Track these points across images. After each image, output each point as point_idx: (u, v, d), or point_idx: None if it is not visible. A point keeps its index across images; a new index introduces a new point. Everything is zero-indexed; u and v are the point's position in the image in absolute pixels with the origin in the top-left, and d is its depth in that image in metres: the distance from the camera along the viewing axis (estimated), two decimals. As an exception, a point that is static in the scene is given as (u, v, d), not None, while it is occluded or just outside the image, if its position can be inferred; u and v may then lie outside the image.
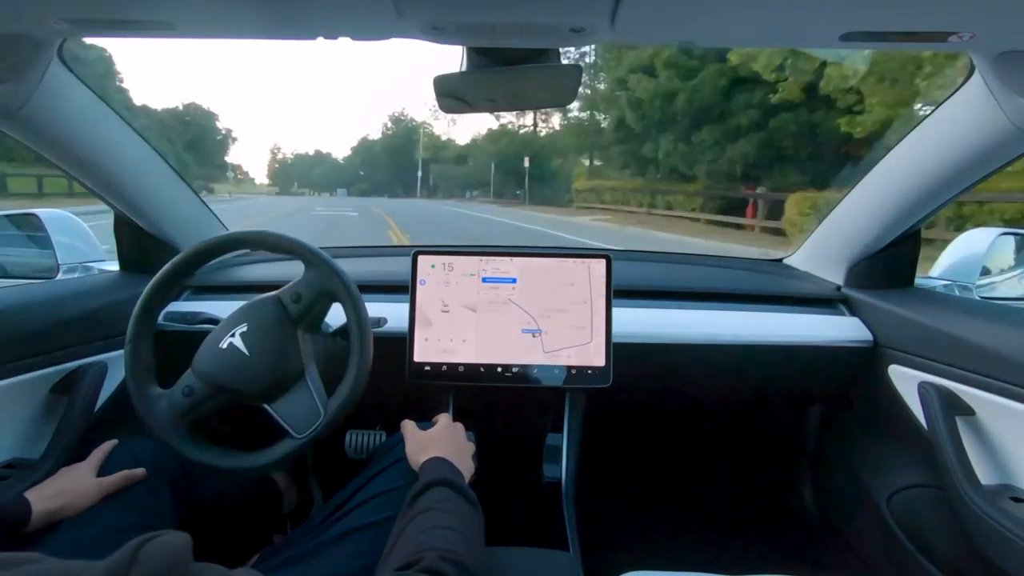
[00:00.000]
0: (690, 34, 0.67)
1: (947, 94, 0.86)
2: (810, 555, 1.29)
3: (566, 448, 1.07)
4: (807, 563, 1.27)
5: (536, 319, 1.01)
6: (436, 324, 1.01)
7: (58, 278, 1.22)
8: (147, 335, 0.84)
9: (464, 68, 0.73)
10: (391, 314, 0.99)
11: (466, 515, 0.63)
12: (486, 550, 0.65)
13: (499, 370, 1.00)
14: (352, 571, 0.69)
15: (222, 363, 0.81)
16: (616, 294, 1.03)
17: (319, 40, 0.66)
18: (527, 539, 0.82)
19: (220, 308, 0.91)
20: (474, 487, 0.72)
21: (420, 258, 1.02)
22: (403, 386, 0.99)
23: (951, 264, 1.31)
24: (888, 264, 1.13)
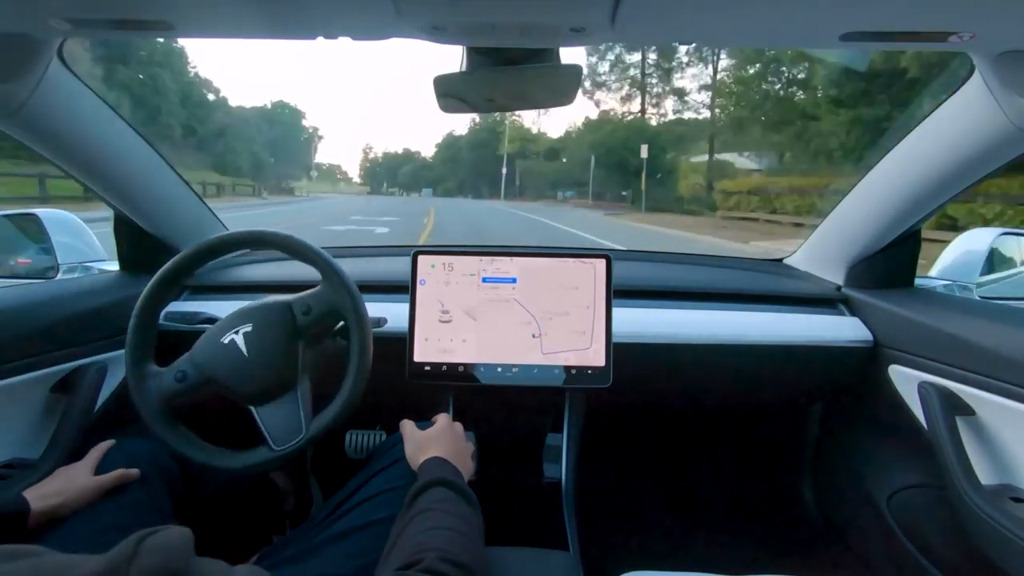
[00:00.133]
0: (690, 34, 0.67)
1: (947, 94, 0.86)
2: (810, 555, 1.29)
3: (566, 448, 1.07)
4: (807, 563, 1.27)
5: (536, 319, 1.01)
6: (436, 324, 1.01)
7: (58, 278, 1.22)
8: (149, 325, 0.84)
9: (464, 68, 0.73)
10: (391, 314, 0.99)
11: (465, 515, 0.63)
12: (486, 550, 0.65)
13: (499, 370, 1.00)
14: (351, 571, 0.69)
15: (219, 358, 0.81)
16: (616, 294, 1.03)
17: (319, 40, 0.66)
18: (527, 539, 0.82)
19: (220, 308, 0.91)
20: (474, 487, 0.72)
21: (420, 258, 1.02)
22: (403, 386, 0.99)
23: (951, 264, 1.31)
24: (888, 264, 1.13)
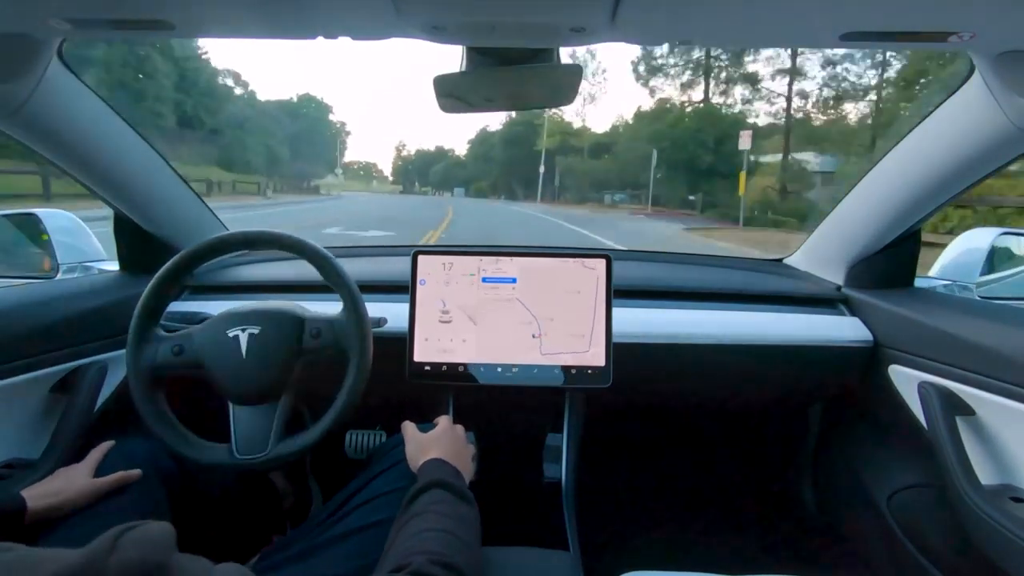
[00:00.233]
0: (690, 34, 0.67)
1: (947, 94, 0.86)
2: (810, 555, 1.29)
3: (566, 448, 1.07)
4: (807, 563, 1.27)
5: (536, 319, 1.01)
6: (436, 324, 1.01)
7: (58, 278, 1.22)
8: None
9: (464, 68, 0.73)
10: (391, 314, 0.99)
11: (461, 517, 0.63)
12: (482, 552, 0.65)
13: (499, 370, 1.00)
14: (351, 571, 0.69)
15: (218, 348, 0.82)
16: (616, 294, 1.03)
17: (319, 40, 0.66)
18: (527, 539, 0.82)
19: (220, 308, 0.91)
20: (474, 487, 0.72)
21: (420, 258, 1.02)
22: (403, 386, 0.99)
23: (951, 264, 1.31)
24: (888, 264, 1.13)
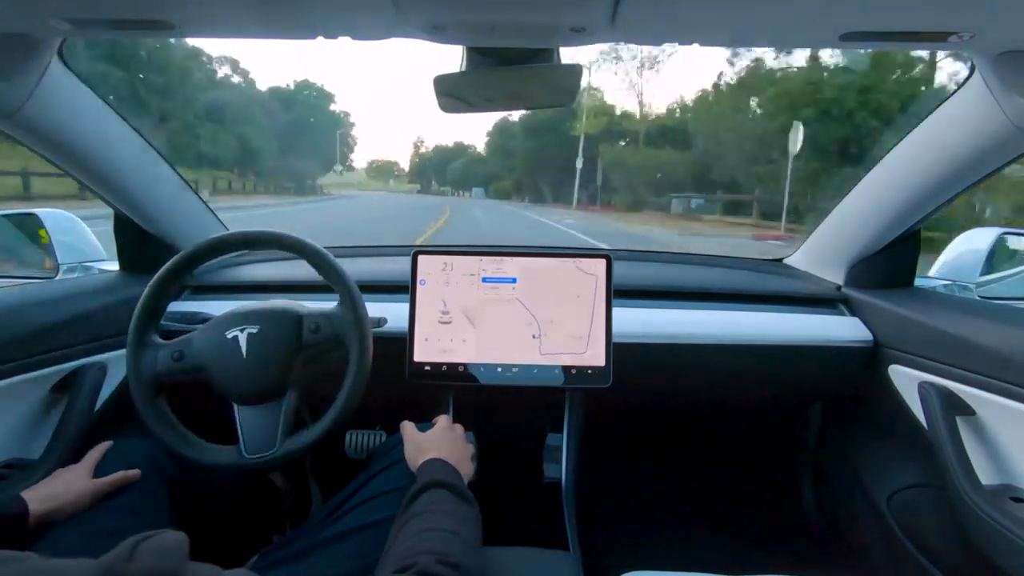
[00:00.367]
0: (690, 34, 0.67)
1: (947, 94, 0.86)
2: (810, 555, 1.29)
3: (566, 448, 1.07)
4: (807, 563, 1.27)
5: (536, 319, 1.01)
6: (436, 324, 1.01)
7: (58, 278, 1.22)
8: (162, 295, 0.85)
9: (464, 68, 0.73)
10: (391, 314, 0.99)
11: (463, 516, 0.63)
12: (484, 552, 0.65)
13: (499, 370, 1.00)
14: (351, 571, 0.69)
15: (218, 350, 0.82)
16: (616, 294, 1.03)
17: (319, 40, 0.66)
18: (527, 539, 0.82)
19: (220, 308, 0.91)
20: (474, 487, 0.72)
21: (420, 258, 1.02)
22: (403, 386, 0.99)
23: (951, 264, 1.31)
24: (888, 264, 1.13)
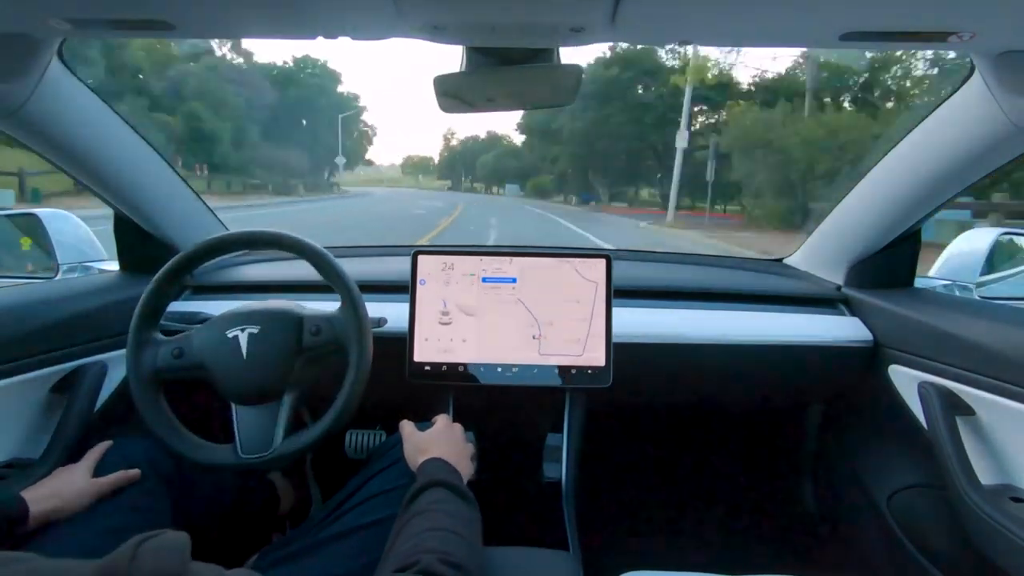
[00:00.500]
0: (690, 33, 0.67)
1: (947, 94, 0.86)
2: (810, 555, 1.29)
3: (566, 448, 1.07)
4: (807, 563, 1.27)
5: (536, 319, 1.01)
6: (436, 324, 1.01)
7: (58, 278, 1.22)
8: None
9: (464, 68, 0.73)
10: (391, 314, 0.99)
11: (463, 516, 0.63)
12: (484, 551, 0.65)
13: (499, 370, 1.00)
14: (350, 571, 0.69)
15: (218, 349, 0.82)
16: (616, 294, 1.03)
17: (319, 40, 0.66)
18: (527, 539, 0.82)
19: (220, 308, 0.91)
20: (474, 487, 0.72)
21: (420, 258, 1.02)
22: (403, 386, 0.99)
23: (951, 264, 1.31)
24: (888, 264, 1.13)
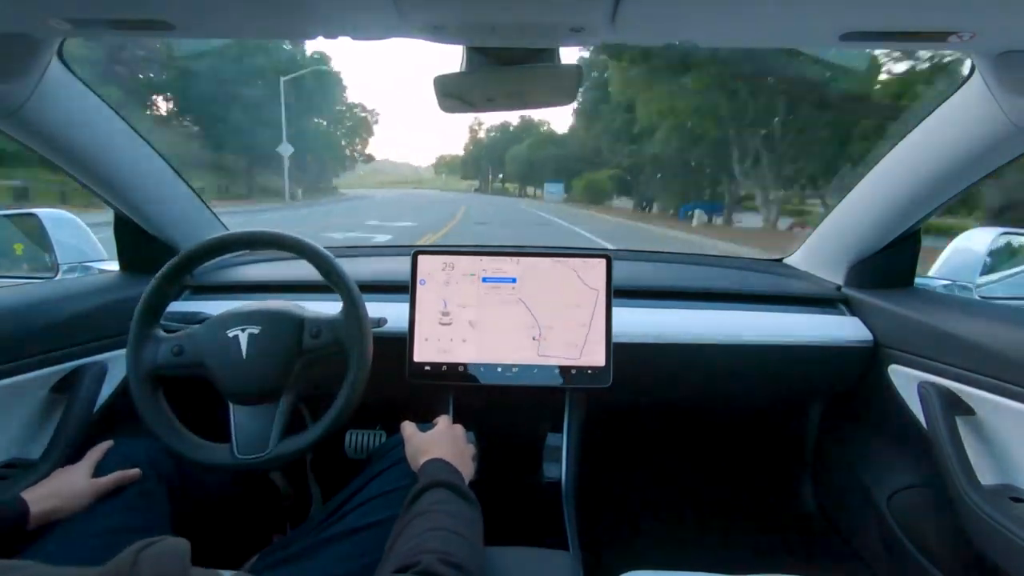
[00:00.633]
0: (690, 33, 0.67)
1: (947, 94, 0.86)
2: (810, 555, 1.29)
3: (566, 448, 1.07)
4: (807, 563, 1.27)
5: (536, 319, 1.01)
6: (436, 324, 1.01)
7: (58, 278, 1.22)
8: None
9: (464, 68, 0.73)
10: (391, 314, 0.99)
11: (465, 516, 0.63)
12: (485, 551, 0.65)
13: (499, 370, 1.00)
14: (351, 571, 0.69)
15: (218, 348, 0.82)
16: (616, 294, 1.03)
17: (319, 40, 0.66)
18: (527, 539, 0.82)
19: (220, 308, 0.91)
20: (474, 487, 0.71)
21: (420, 258, 1.02)
22: (403, 386, 0.99)
23: (951, 264, 1.31)
24: (888, 264, 1.13)
